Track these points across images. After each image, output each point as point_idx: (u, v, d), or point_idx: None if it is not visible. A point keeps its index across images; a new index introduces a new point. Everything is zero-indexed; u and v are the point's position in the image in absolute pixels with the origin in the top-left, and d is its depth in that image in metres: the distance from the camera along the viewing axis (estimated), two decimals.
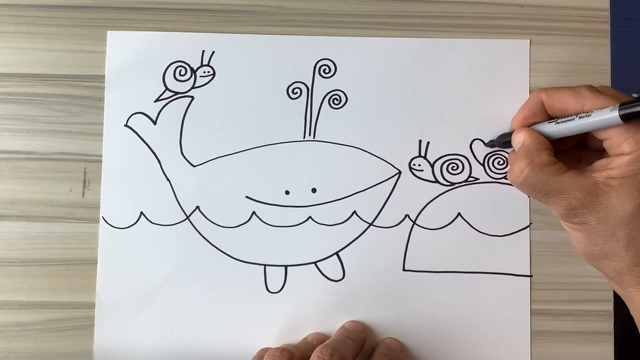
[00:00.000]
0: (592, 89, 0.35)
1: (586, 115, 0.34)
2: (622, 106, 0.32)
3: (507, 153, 0.41)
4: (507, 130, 0.40)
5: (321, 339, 0.39)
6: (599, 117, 0.33)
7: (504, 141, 0.39)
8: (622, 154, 0.34)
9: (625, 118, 0.32)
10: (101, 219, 0.41)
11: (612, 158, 0.34)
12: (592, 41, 0.42)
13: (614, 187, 0.33)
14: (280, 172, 0.41)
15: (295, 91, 0.42)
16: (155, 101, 0.41)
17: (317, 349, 0.35)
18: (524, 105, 0.38)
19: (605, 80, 0.42)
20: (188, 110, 0.41)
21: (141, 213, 0.41)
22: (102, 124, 0.41)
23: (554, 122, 0.36)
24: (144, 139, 0.41)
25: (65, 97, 0.42)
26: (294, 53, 0.42)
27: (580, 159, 0.38)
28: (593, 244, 0.35)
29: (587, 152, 0.38)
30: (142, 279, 0.41)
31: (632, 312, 0.36)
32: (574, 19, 0.42)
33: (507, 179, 0.41)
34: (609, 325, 0.41)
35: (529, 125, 0.37)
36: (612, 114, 0.32)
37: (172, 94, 0.42)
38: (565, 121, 0.35)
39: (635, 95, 0.32)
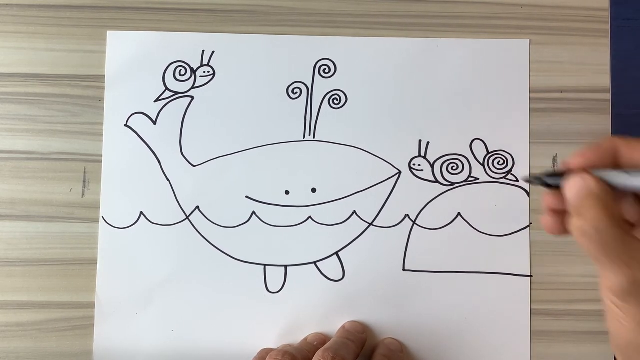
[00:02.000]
0: None
1: None
2: None
3: (508, 152, 0.41)
4: (552, 169, 0.36)
5: (321, 339, 0.39)
6: None
7: (553, 183, 0.31)
8: None
9: None
10: (101, 219, 0.41)
11: None
12: (592, 41, 0.42)
13: None
14: (280, 172, 0.41)
15: (295, 91, 0.42)
16: (155, 101, 0.41)
17: (319, 352, 0.35)
18: (590, 147, 0.31)
19: (606, 80, 0.42)
20: (188, 110, 0.41)
21: (141, 213, 0.41)
22: (102, 124, 0.41)
23: (626, 173, 0.29)
24: (144, 139, 0.41)
25: (65, 97, 0.42)
26: (294, 53, 0.42)
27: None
28: None
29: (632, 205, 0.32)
30: (142, 279, 0.41)
31: None
32: (574, 19, 0.42)
33: (507, 178, 0.41)
34: None
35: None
36: None
37: (172, 94, 0.42)
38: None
39: None
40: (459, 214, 0.41)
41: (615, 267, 0.28)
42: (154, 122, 0.41)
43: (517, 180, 0.41)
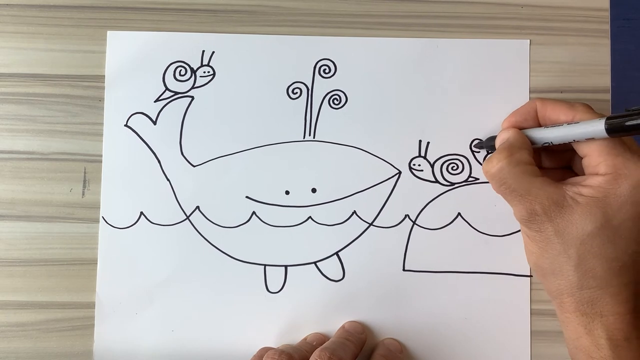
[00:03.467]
0: (588, 106, 0.35)
1: (574, 124, 0.34)
2: (609, 118, 0.32)
3: None
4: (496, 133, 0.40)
5: (321, 339, 0.39)
6: (585, 127, 0.33)
7: (491, 144, 0.39)
8: (596, 174, 0.34)
9: (610, 130, 0.32)
10: (101, 219, 0.41)
11: (587, 176, 0.35)
12: (592, 41, 0.42)
13: (580, 203, 0.33)
14: (280, 172, 0.41)
15: (295, 91, 0.42)
16: (155, 101, 0.41)
17: (316, 352, 0.35)
18: (517, 109, 0.39)
19: (606, 80, 0.42)
20: (188, 110, 0.41)
21: (141, 213, 0.41)
22: (102, 124, 0.41)
23: (542, 128, 0.36)
24: (144, 139, 0.41)
25: (65, 97, 0.42)
26: (294, 53, 0.42)
27: (563, 179, 0.38)
28: (544, 256, 0.34)
29: (571, 175, 0.38)
30: (142, 279, 0.41)
31: (566, 339, 0.36)
32: (574, 19, 0.42)
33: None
34: None
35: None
36: (597, 126, 0.33)
37: (172, 94, 0.42)
38: (553, 127, 0.36)
39: (627, 110, 0.32)
40: (459, 214, 0.41)
41: (515, 201, 0.35)
42: (154, 122, 0.41)
43: None
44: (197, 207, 0.41)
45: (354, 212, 0.41)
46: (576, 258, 0.33)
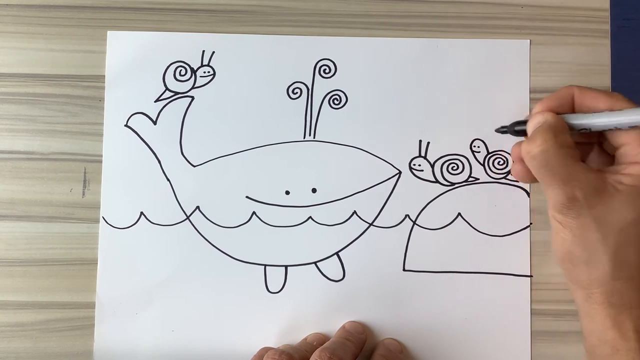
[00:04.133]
0: (624, 97, 0.35)
1: (618, 111, 0.34)
2: None
3: (508, 153, 0.41)
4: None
5: (321, 339, 0.39)
6: (628, 114, 0.33)
7: (518, 129, 0.38)
8: (637, 163, 0.33)
9: None
10: (101, 219, 0.41)
11: (627, 165, 0.34)
12: (592, 41, 0.42)
13: (622, 192, 0.33)
14: (280, 172, 0.41)
15: (295, 91, 0.42)
16: (155, 101, 0.41)
17: (316, 352, 0.35)
18: (552, 94, 0.37)
19: (606, 80, 0.42)
20: (188, 110, 0.41)
21: (141, 213, 0.41)
22: (102, 124, 0.41)
23: (583, 114, 0.35)
24: (144, 139, 0.41)
25: (65, 97, 0.42)
26: (294, 53, 0.42)
27: (590, 159, 0.38)
28: (578, 244, 0.33)
29: (599, 155, 0.38)
30: (142, 279, 0.41)
31: (587, 331, 0.35)
32: (574, 19, 0.42)
33: (507, 178, 0.41)
34: None
35: None
36: None
37: (172, 94, 0.42)
38: (595, 114, 0.34)
39: None
40: (459, 214, 0.41)
41: (555, 185, 0.33)
42: (154, 122, 0.41)
43: (517, 180, 0.41)
44: (197, 207, 0.41)
45: (354, 212, 0.41)
46: (614, 246, 0.33)
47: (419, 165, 0.41)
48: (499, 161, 0.41)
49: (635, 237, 0.33)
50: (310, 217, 0.41)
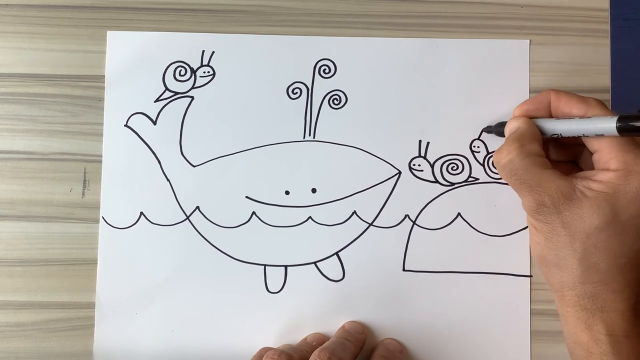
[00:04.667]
0: (601, 102, 0.35)
1: (586, 118, 0.34)
2: (621, 118, 0.33)
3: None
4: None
5: (321, 339, 0.39)
6: (596, 123, 0.34)
7: (500, 130, 0.39)
8: (607, 170, 0.34)
9: (621, 130, 0.32)
10: (101, 219, 0.41)
11: (597, 171, 0.35)
12: (592, 41, 0.42)
13: (589, 197, 0.33)
14: (280, 172, 0.41)
15: (295, 91, 0.42)
16: (155, 101, 0.41)
17: (315, 352, 0.35)
18: (530, 98, 0.38)
19: (606, 80, 0.42)
20: (188, 111, 0.41)
21: (141, 213, 0.41)
22: (102, 124, 0.41)
23: (553, 119, 0.36)
24: (144, 139, 0.41)
25: (64, 97, 0.42)
26: (294, 53, 0.42)
27: (569, 173, 0.38)
28: (549, 247, 0.34)
29: (578, 170, 0.38)
30: (142, 279, 0.41)
31: (564, 333, 0.36)
32: (574, 19, 0.42)
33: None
34: None
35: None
36: (609, 123, 0.33)
37: (172, 94, 0.42)
38: (565, 120, 0.35)
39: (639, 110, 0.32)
40: (459, 214, 0.41)
41: (525, 192, 0.35)
42: (154, 122, 0.41)
43: None
44: (197, 207, 0.41)
45: (354, 212, 0.41)
46: (581, 251, 0.33)
47: (419, 165, 0.41)
48: None
49: (603, 243, 0.33)
50: (310, 217, 0.41)
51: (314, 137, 0.41)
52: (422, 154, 0.41)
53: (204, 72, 0.42)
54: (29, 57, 0.42)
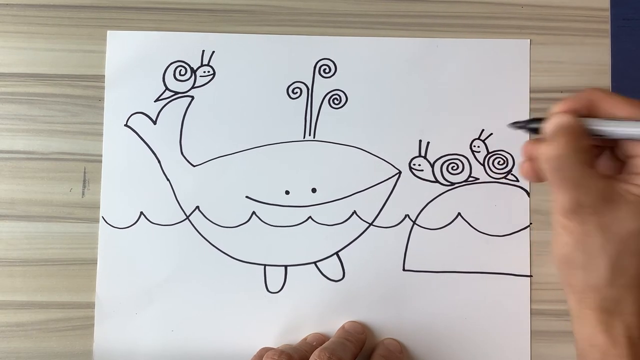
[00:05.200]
0: None
1: (636, 121, 0.33)
2: None
3: (508, 153, 0.41)
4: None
5: (321, 339, 0.39)
6: None
7: (534, 126, 0.36)
8: None
9: None
10: (101, 219, 0.41)
11: (638, 175, 0.33)
12: (592, 41, 0.42)
13: (630, 201, 0.32)
14: (280, 172, 0.41)
15: (295, 91, 0.42)
16: (155, 101, 0.41)
17: (315, 352, 0.35)
18: (574, 96, 0.35)
19: (606, 80, 0.42)
20: (188, 110, 0.41)
21: (141, 213, 0.41)
22: (102, 124, 0.41)
23: (599, 119, 0.34)
24: (144, 139, 0.41)
25: (64, 97, 0.42)
26: (294, 53, 0.42)
27: (600, 162, 0.37)
28: (578, 249, 0.33)
29: (609, 159, 0.37)
30: (142, 279, 0.41)
31: (578, 335, 0.35)
32: (574, 19, 0.42)
33: (507, 178, 0.41)
34: None
35: None
36: None
37: (172, 93, 0.42)
38: (611, 121, 0.34)
39: None
40: (459, 214, 0.41)
41: (563, 189, 0.33)
42: (154, 122, 0.41)
43: (517, 180, 0.41)
44: (197, 207, 0.41)
45: (354, 212, 0.41)
46: (614, 255, 0.32)
47: (419, 165, 0.41)
48: (499, 161, 0.41)
49: (636, 248, 0.33)
50: (310, 217, 0.41)
51: (314, 137, 0.41)
52: (422, 154, 0.41)
53: (204, 72, 0.42)
54: (29, 57, 0.42)
